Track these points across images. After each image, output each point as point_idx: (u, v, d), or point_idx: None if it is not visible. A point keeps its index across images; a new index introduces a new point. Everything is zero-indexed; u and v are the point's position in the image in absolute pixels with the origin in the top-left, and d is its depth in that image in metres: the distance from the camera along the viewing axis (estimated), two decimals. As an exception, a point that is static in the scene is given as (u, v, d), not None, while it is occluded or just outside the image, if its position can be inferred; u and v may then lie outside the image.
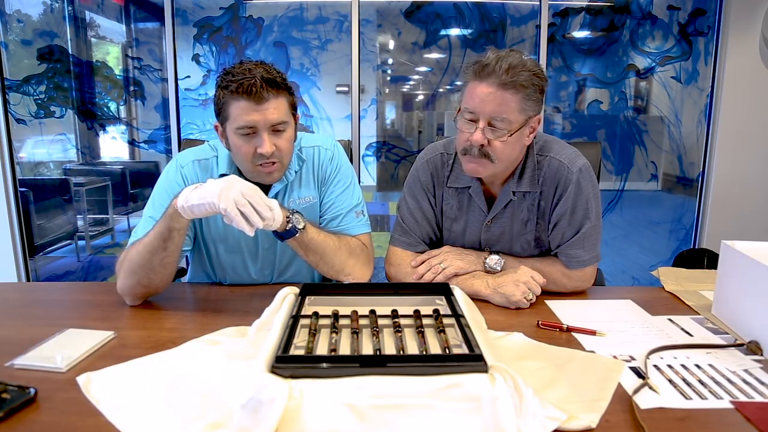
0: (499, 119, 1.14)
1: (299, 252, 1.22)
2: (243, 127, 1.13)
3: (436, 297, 1.05)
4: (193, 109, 3.16)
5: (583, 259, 1.26)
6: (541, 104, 1.18)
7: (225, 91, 1.13)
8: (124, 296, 1.17)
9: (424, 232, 1.37)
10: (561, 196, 1.25)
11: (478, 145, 1.16)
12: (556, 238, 1.28)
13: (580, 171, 1.23)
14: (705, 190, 3.16)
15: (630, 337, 1.01)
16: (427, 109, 3.43)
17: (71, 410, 0.76)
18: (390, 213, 3.73)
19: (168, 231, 1.09)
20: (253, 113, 1.12)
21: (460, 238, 1.36)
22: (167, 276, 1.17)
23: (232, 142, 1.18)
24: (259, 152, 1.15)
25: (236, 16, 3.06)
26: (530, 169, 1.26)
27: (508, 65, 1.11)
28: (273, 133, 1.16)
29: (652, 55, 3.17)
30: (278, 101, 1.15)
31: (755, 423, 0.72)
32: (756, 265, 0.98)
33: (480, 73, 1.14)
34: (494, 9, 3.11)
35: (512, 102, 1.13)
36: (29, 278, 3.08)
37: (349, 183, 1.34)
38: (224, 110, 1.15)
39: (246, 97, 1.11)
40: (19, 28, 3.09)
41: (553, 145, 1.28)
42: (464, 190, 1.33)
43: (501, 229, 1.31)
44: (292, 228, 1.14)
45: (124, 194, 3.54)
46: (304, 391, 0.69)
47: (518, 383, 0.70)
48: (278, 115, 1.15)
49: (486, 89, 1.13)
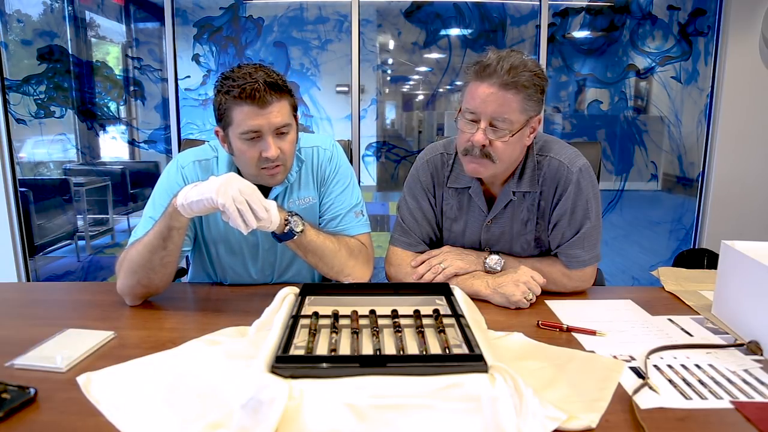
0: (501, 119, 1.14)
1: (298, 253, 1.22)
2: (247, 132, 1.12)
3: (436, 297, 1.05)
4: (193, 109, 3.16)
5: (583, 259, 1.26)
6: (541, 104, 1.18)
7: (227, 96, 1.11)
8: (124, 296, 1.17)
9: (424, 232, 1.37)
10: (561, 196, 1.25)
11: (480, 146, 1.16)
12: (555, 238, 1.28)
13: (580, 171, 1.23)
14: (705, 190, 3.16)
15: (630, 337, 1.01)
16: (427, 109, 3.43)
17: (71, 410, 0.76)
18: (390, 213, 3.73)
19: (168, 230, 1.09)
20: (258, 118, 1.11)
21: (460, 238, 1.36)
22: (167, 276, 1.17)
23: (235, 146, 1.17)
24: (265, 156, 1.14)
25: (236, 16, 3.06)
26: (530, 169, 1.26)
27: (510, 65, 1.11)
28: (277, 136, 1.16)
29: (652, 55, 3.17)
30: (281, 104, 1.14)
31: (755, 423, 0.72)
32: (756, 265, 0.98)
33: (481, 74, 1.14)
34: (494, 9, 3.11)
35: (514, 102, 1.13)
36: (29, 278, 3.08)
37: (349, 183, 1.34)
38: (227, 115, 1.14)
39: (250, 101, 1.10)
40: (19, 28, 3.09)
41: (553, 145, 1.28)
42: (464, 190, 1.33)
43: (501, 229, 1.31)
44: (289, 231, 1.14)
45: (124, 194, 3.54)
46: (304, 391, 0.69)
47: (518, 383, 0.70)
48: (282, 118, 1.14)
49: (487, 89, 1.13)
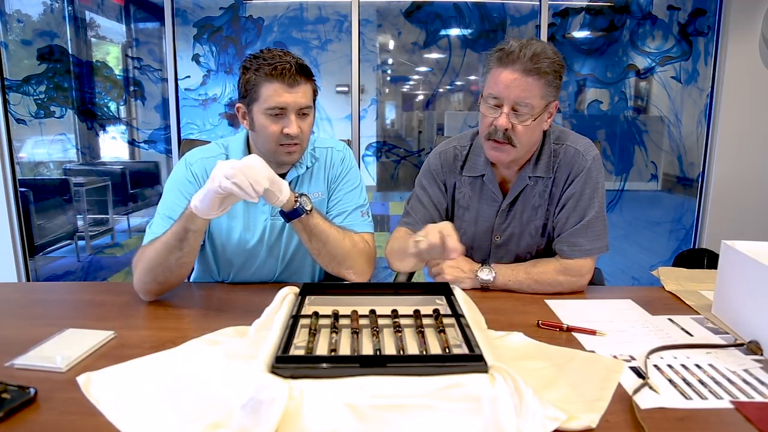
0: (523, 104, 1.19)
1: (303, 237, 1.23)
2: (274, 108, 1.19)
3: (436, 297, 1.05)
4: (193, 109, 3.16)
5: (586, 249, 1.27)
6: (559, 90, 1.24)
7: (257, 74, 1.18)
8: (139, 292, 1.19)
9: (427, 216, 1.39)
10: (572, 181, 1.29)
11: (503, 129, 1.21)
12: (560, 222, 1.30)
13: (594, 160, 1.30)
14: (705, 190, 3.16)
15: (630, 337, 1.02)
16: (427, 109, 3.43)
17: (71, 410, 0.76)
18: (390, 213, 3.73)
19: (184, 231, 1.12)
20: (285, 95, 1.18)
21: (471, 227, 1.38)
22: (183, 275, 1.20)
23: (258, 122, 1.22)
24: (286, 132, 1.20)
25: (236, 16, 3.06)
26: (546, 155, 1.31)
27: (533, 53, 1.16)
28: (299, 116, 1.22)
29: (652, 55, 3.17)
30: (306, 87, 1.22)
31: (755, 423, 0.72)
32: (756, 265, 0.98)
33: (504, 60, 1.19)
34: (494, 9, 3.11)
35: (535, 87, 1.18)
36: (29, 278, 3.08)
37: (357, 185, 1.39)
38: (254, 91, 1.20)
39: (280, 79, 1.17)
40: (19, 28, 3.09)
41: (569, 135, 1.34)
42: (478, 178, 1.36)
43: (513, 215, 1.34)
44: (300, 207, 1.16)
45: (124, 194, 3.54)
46: (304, 391, 0.69)
47: (518, 383, 0.70)
48: (306, 99, 1.22)
49: (511, 75, 1.18)
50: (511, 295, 1.26)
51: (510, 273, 1.27)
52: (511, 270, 1.28)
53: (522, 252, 1.37)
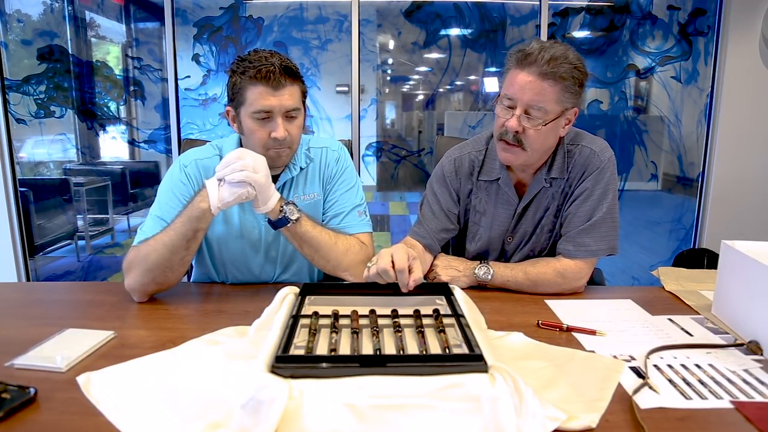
0: (536, 108, 1.17)
1: (294, 244, 1.24)
2: (259, 111, 1.17)
3: (436, 297, 1.06)
4: (193, 109, 3.16)
5: (591, 249, 1.27)
6: (579, 97, 1.22)
7: (243, 77, 1.17)
8: (133, 293, 1.18)
9: (439, 226, 1.38)
10: (585, 179, 1.28)
11: (513, 131, 1.20)
12: (568, 218, 1.30)
13: (609, 161, 1.28)
14: (705, 190, 3.16)
15: (630, 337, 1.01)
16: (427, 109, 3.43)
17: (71, 410, 0.76)
18: (390, 213, 3.73)
19: (194, 232, 1.14)
20: (270, 98, 1.16)
21: (487, 231, 1.38)
22: (183, 273, 1.21)
23: (246, 126, 1.21)
24: (273, 136, 1.19)
25: (236, 16, 3.06)
26: (560, 156, 1.30)
27: (551, 56, 1.14)
28: (286, 119, 1.20)
29: (652, 55, 3.17)
30: (293, 88, 1.19)
31: (755, 423, 0.72)
32: (756, 265, 0.98)
33: (522, 62, 1.17)
34: (494, 9, 3.11)
35: (550, 92, 1.16)
36: (29, 278, 3.08)
37: (353, 184, 1.37)
38: (240, 95, 1.18)
39: (264, 82, 1.15)
40: (19, 28, 3.09)
41: (585, 136, 1.33)
42: (494, 182, 1.36)
43: (527, 216, 1.34)
44: (284, 218, 1.16)
45: (124, 194, 3.53)
46: (304, 391, 0.69)
47: (518, 383, 0.70)
48: (293, 102, 1.19)
49: (526, 78, 1.17)
50: (511, 295, 1.26)
51: (509, 273, 1.27)
52: (509, 270, 1.27)
53: (535, 250, 1.37)
